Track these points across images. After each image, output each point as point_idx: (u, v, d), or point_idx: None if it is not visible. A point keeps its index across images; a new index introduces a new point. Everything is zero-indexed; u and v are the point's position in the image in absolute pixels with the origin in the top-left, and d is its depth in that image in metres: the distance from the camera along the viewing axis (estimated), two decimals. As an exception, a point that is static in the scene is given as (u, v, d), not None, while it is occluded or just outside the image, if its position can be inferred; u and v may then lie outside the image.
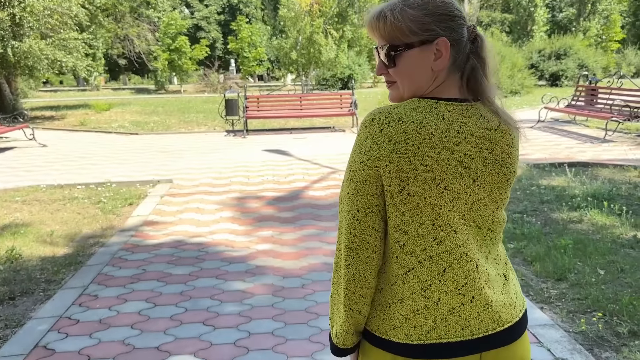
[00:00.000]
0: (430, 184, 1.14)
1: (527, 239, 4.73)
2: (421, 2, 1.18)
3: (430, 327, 1.18)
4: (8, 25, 13.50)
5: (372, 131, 1.15)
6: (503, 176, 1.21)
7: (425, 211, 1.15)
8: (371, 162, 1.14)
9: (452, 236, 1.17)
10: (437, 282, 1.17)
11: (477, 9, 44.48)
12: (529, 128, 12.13)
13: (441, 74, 1.20)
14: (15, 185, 7.48)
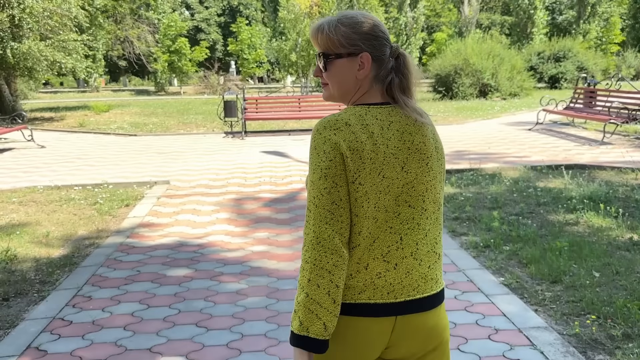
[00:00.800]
0: (374, 173, 1.39)
1: (522, 241, 4.72)
2: (352, 22, 1.44)
3: (362, 289, 1.40)
4: (7, 27, 13.52)
5: (328, 135, 1.38)
6: (423, 162, 1.46)
7: (371, 197, 1.39)
8: (339, 157, 1.37)
9: (384, 214, 1.41)
10: (368, 252, 1.40)
11: (477, 11, 44.50)
12: (527, 130, 12.12)
13: (365, 82, 1.46)
14: (12, 186, 7.47)
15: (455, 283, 3.93)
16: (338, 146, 1.36)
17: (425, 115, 1.51)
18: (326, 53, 1.46)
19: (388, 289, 1.41)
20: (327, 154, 1.36)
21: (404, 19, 42.63)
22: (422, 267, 1.45)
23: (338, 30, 1.44)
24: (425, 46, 49.62)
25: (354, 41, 1.43)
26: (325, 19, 1.48)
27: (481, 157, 8.71)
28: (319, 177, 1.36)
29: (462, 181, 7.07)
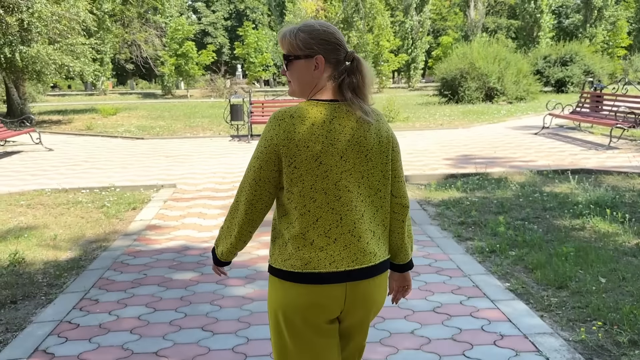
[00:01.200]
0: (310, 159, 1.66)
1: (528, 246, 4.71)
2: (309, 30, 1.70)
3: (308, 260, 1.69)
4: (16, 31, 13.64)
5: (273, 124, 1.68)
6: (362, 154, 1.70)
7: (306, 179, 1.66)
8: (273, 146, 1.67)
9: (324, 197, 1.68)
10: (312, 228, 1.69)
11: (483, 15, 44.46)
12: (533, 134, 12.10)
13: (320, 81, 1.71)
14: (20, 189, 7.53)
15: (460, 288, 3.93)
16: (278, 135, 1.66)
17: (370, 114, 1.72)
18: (287, 55, 1.72)
19: (329, 260, 1.69)
20: (266, 141, 1.69)
21: (410, 22, 42.64)
22: (360, 242, 1.71)
23: (297, 36, 1.70)
24: (431, 50, 49.60)
25: (310, 45, 1.69)
26: (288, 27, 1.74)
27: (487, 162, 8.70)
28: (254, 157, 1.72)
29: (467, 185, 7.07)
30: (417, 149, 10.40)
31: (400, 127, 14.30)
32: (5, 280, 4.29)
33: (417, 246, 4.89)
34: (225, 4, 59.57)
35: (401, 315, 3.51)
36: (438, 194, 6.80)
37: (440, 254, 4.67)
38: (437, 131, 13.43)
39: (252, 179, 1.72)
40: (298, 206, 1.68)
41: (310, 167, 1.66)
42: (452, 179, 7.63)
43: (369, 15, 33.42)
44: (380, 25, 35.23)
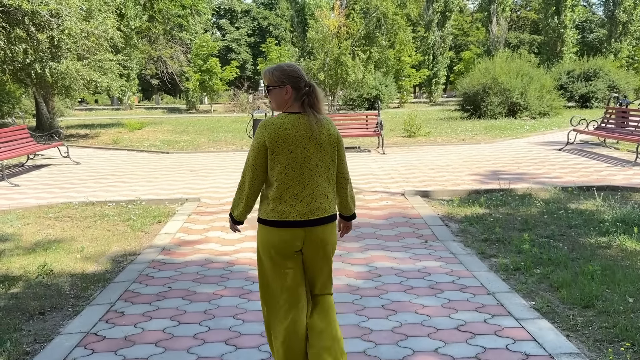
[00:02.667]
0: (285, 150, 2.63)
1: (553, 264, 4.65)
2: (281, 69, 2.71)
3: (282, 212, 2.67)
4: (47, 47, 14.04)
5: (262, 129, 2.67)
6: (318, 145, 2.68)
7: (282, 162, 2.64)
8: (262, 143, 2.65)
9: (293, 173, 2.66)
10: (285, 193, 2.66)
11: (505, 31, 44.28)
12: (557, 150, 11.96)
13: (289, 101, 2.71)
14: (48, 202, 7.71)
15: (484, 306, 3.90)
16: (265, 136, 2.63)
17: (322, 121, 2.69)
18: (268, 85, 2.73)
19: (297, 212, 2.67)
20: (258, 139, 2.66)
21: (432, 38, 42.68)
22: (316, 202, 2.70)
23: (274, 74, 2.70)
24: (453, 65, 49.50)
25: (282, 79, 2.69)
26: (268, 67, 2.74)
27: (511, 177, 8.63)
28: (251, 150, 2.68)
29: (491, 202, 7.02)
30: (439, 165, 10.37)
31: (421, 142, 14.27)
32: (34, 291, 4.39)
33: (440, 262, 4.87)
34: (249, 21, 60.43)
35: (424, 333, 3.49)
36: (461, 210, 6.76)
37: (463, 270, 4.64)
38: (460, 146, 13.36)
39: (251, 164, 2.68)
40: (277, 179, 2.65)
41: (284, 155, 2.63)
42: (475, 194, 7.58)
43: (390, 31, 33.55)
44: (402, 41, 35.32)
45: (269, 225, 2.68)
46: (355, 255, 5.13)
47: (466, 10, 57.76)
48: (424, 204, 7.12)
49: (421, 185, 8.34)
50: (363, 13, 32.46)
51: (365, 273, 4.65)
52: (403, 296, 4.11)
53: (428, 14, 42.54)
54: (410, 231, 5.92)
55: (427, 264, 4.84)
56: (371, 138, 14.06)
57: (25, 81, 16.16)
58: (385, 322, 3.68)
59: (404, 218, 6.48)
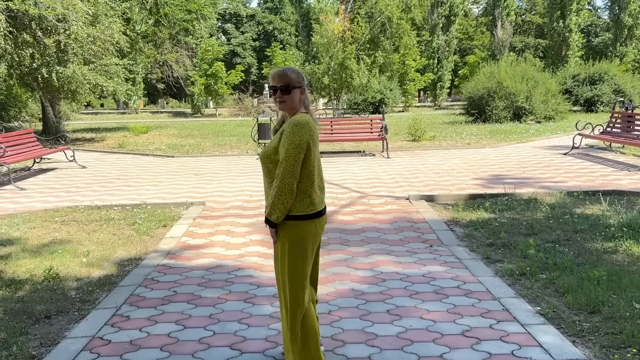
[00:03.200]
0: (314, 145, 2.90)
1: (559, 269, 4.64)
2: (297, 71, 2.93)
3: (316, 204, 2.91)
4: (53, 52, 14.12)
5: (304, 130, 2.82)
6: (317, 141, 2.96)
7: (312, 157, 2.89)
8: (306, 141, 2.83)
9: (315, 168, 2.91)
10: (314, 186, 2.91)
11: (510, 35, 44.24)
12: (562, 155, 11.93)
13: (301, 101, 2.96)
14: (54, 206, 7.74)
15: (490, 312, 3.89)
16: (307, 138, 2.82)
17: (316, 119, 3.02)
18: (290, 85, 2.89)
19: (319, 202, 2.93)
20: (302, 140, 2.80)
21: (436, 42, 42.68)
22: (324, 193, 3.03)
23: (294, 75, 2.89)
24: (458, 69, 49.47)
25: (300, 81, 2.92)
26: (283, 68, 2.91)
27: (516, 182, 8.61)
28: (295, 152, 2.79)
29: (496, 206, 7.00)
30: (444, 169, 10.35)
31: (426, 145, 14.26)
32: (40, 295, 4.41)
33: (445, 267, 4.86)
34: (254, 25, 60.62)
35: (429, 339, 3.49)
36: (466, 214, 6.75)
37: (468, 276, 4.63)
38: (464, 150, 13.34)
39: (296, 166, 2.80)
40: (308, 174, 2.87)
41: (314, 150, 2.88)
42: (480, 199, 7.56)
43: (395, 35, 33.57)
44: (407, 45, 35.33)
45: (308, 218, 2.85)
46: (360, 260, 5.13)
47: (471, 14, 57.77)
48: (428, 209, 7.11)
49: (426, 189, 8.33)
50: (368, 17, 32.50)
51: (370, 278, 4.65)
52: (408, 301, 4.10)
53: (433, 18, 42.56)
54: (415, 236, 5.92)
55: (432, 269, 4.83)
56: (376, 142, 14.06)
57: (32, 85, 16.26)
58: (391, 327, 3.67)
59: (408, 222, 6.48)
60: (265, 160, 2.91)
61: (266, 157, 2.90)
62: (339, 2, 34.70)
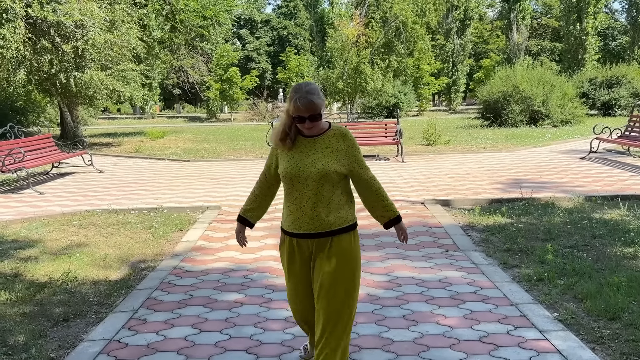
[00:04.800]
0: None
1: (577, 275, 4.58)
2: (317, 90, 2.72)
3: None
4: (72, 58, 14.32)
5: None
6: None
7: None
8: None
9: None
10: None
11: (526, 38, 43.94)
12: (579, 159, 11.79)
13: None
14: (73, 210, 7.83)
15: (507, 317, 3.85)
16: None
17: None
18: (319, 114, 2.70)
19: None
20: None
21: (450, 46, 42.53)
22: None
23: (318, 101, 2.68)
24: (473, 72, 49.22)
25: (324, 101, 2.76)
26: (308, 99, 2.65)
27: (533, 186, 8.52)
28: (360, 152, 2.86)
29: (513, 211, 6.94)
30: (460, 173, 10.29)
31: (441, 150, 14.19)
32: (58, 298, 4.46)
33: (462, 272, 4.83)
34: (269, 31, 60.95)
35: (446, 344, 3.46)
36: (482, 219, 6.70)
37: (485, 281, 4.59)
38: (480, 155, 13.25)
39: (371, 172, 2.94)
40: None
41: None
42: (496, 204, 7.50)
43: (409, 40, 33.51)
44: (421, 49, 35.26)
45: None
46: (376, 265, 5.11)
47: (486, 18, 57.48)
48: (444, 213, 7.07)
49: (441, 194, 8.28)
50: (382, 22, 32.50)
51: (385, 283, 4.63)
52: (424, 306, 4.08)
53: (447, 22, 42.44)
54: (430, 240, 5.88)
55: (449, 274, 4.80)
56: (390, 146, 14.03)
57: (51, 91, 16.51)
58: (407, 332, 3.65)
59: (424, 227, 6.44)
60: (322, 180, 2.69)
61: (324, 176, 2.69)
62: (354, 6, 34.75)
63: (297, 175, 2.70)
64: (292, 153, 2.75)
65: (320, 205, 2.70)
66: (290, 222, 2.77)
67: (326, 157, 2.70)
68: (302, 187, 2.70)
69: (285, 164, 2.75)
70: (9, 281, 4.85)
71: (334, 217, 2.71)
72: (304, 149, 2.74)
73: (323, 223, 2.71)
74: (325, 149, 2.72)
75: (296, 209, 2.73)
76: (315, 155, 2.71)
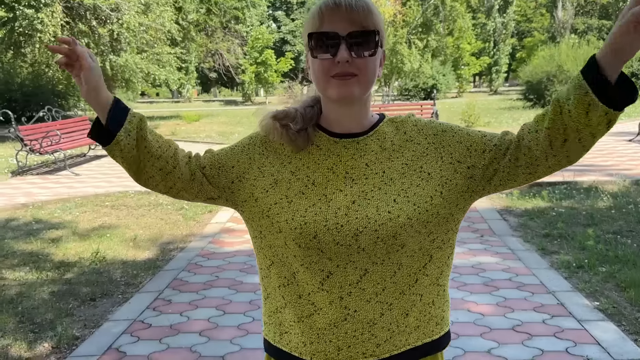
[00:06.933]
0: None
1: (621, 262, 4.32)
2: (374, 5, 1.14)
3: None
4: (108, 41, 14.51)
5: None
6: None
7: None
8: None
9: None
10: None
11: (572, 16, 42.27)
12: (626, 141, 11.24)
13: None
14: (106, 191, 7.94)
15: (543, 306, 3.65)
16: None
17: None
18: (377, 31, 1.10)
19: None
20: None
21: (492, 24, 41.30)
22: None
23: (376, 12, 1.12)
24: (515, 52, 47.77)
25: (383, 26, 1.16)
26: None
27: (576, 169, 8.16)
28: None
29: (554, 195, 6.64)
30: (498, 156, 9.95)
31: (480, 132, 13.78)
32: (86, 278, 4.48)
33: (497, 258, 4.62)
34: (305, 13, 60.54)
35: (477, 333, 3.30)
36: (521, 203, 6.43)
37: (522, 268, 4.38)
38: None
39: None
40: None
41: None
42: (536, 187, 7.20)
43: (449, 18, 32.70)
44: (461, 28, 34.37)
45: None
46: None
47: (529, -5, 55.50)
48: (480, 196, 6.83)
49: (478, 176, 8.01)
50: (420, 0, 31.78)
51: (415, 267, 4.48)
52: (455, 293, 3.91)
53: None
54: (465, 225, 5.68)
55: (483, 260, 4.60)
56: (426, 128, 13.72)
57: (89, 75, 16.79)
58: (435, 319, 3.50)
59: (458, 210, 6.23)
60: (398, 241, 1.10)
61: (399, 230, 1.09)
62: (391, -15, 34.09)
63: (329, 232, 1.10)
64: (303, 172, 1.16)
65: (389, 301, 1.13)
66: (314, 338, 1.15)
67: (400, 178, 1.13)
68: (342, 259, 1.10)
69: (289, 204, 1.14)
70: (40, 260, 4.92)
71: (415, 322, 1.15)
72: (332, 166, 1.15)
73: (395, 340, 1.14)
74: (390, 158, 1.15)
75: (329, 305, 1.12)
76: (365, 178, 1.13)
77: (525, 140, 1.11)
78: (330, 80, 1.10)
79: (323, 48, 1.10)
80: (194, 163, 1.23)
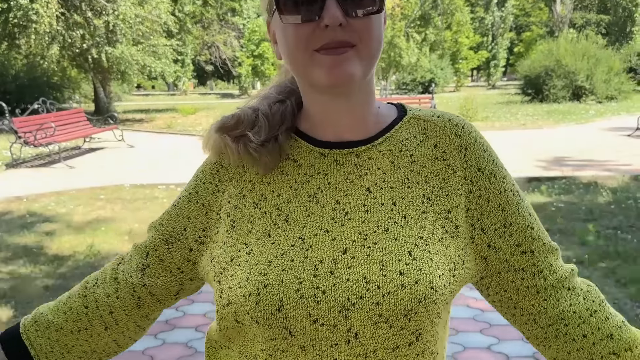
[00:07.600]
0: None
1: (621, 258, 4.28)
2: None
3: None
4: (103, 32, 14.39)
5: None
6: None
7: None
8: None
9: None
10: None
11: (570, 10, 42.21)
12: (625, 136, 11.21)
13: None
14: (101, 184, 7.86)
15: (543, 301, 3.61)
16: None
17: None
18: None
19: None
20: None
21: (490, 18, 41.20)
22: None
23: None
24: (513, 46, 47.71)
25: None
26: None
27: (575, 164, 8.13)
28: (516, 186, 0.86)
29: (553, 190, 6.60)
30: (496, 150, 9.89)
31: (478, 127, 13.69)
32: (81, 272, 4.42)
33: (495, 253, 4.59)
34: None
35: (477, 329, 3.25)
36: (518, 197, 6.40)
37: (520, 262, 4.34)
38: (519, 131, 12.77)
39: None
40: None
41: None
42: (535, 182, 7.16)
43: (447, 12, 32.60)
44: (460, 22, 34.28)
45: None
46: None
47: (527, -11, 55.40)
48: (478, 191, 6.80)
49: (476, 171, 7.98)
50: (418, -6, 31.66)
51: (414, 262, 4.44)
52: (454, 288, 3.87)
53: (487, -7, 41.04)
54: (463, 219, 5.64)
55: (481, 254, 4.56)
56: (424, 122, 13.66)
57: (84, 66, 16.69)
58: (434, 315, 3.46)
59: (456, 205, 6.20)
60: (408, 316, 0.66)
61: (433, 305, 0.67)
62: (389, -21, 33.91)
63: (302, 302, 0.67)
64: (271, 202, 0.75)
65: None
66: None
67: (418, 218, 0.72)
68: (321, 350, 0.68)
69: (249, 256, 0.72)
70: (34, 254, 4.85)
71: None
72: (316, 192, 0.74)
73: None
74: (406, 183, 0.74)
75: None
76: (366, 212, 0.72)
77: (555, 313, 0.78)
78: (315, 56, 0.69)
79: (299, 7, 0.68)
80: (127, 274, 0.84)
